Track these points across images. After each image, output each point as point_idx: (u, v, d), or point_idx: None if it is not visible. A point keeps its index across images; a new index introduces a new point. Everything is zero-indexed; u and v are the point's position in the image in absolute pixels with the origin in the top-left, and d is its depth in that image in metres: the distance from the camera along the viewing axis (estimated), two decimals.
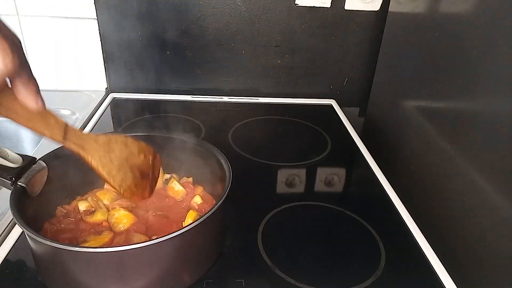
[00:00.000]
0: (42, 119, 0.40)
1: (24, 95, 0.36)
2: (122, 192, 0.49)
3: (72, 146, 0.43)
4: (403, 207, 0.69)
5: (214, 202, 0.59)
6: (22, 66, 0.34)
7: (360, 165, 0.83)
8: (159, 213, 0.56)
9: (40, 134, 0.41)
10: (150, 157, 0.53)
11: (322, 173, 0.79)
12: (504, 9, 0.55)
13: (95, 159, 0.45)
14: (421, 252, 0.59)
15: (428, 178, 0.74)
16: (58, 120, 0.42)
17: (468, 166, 0.62)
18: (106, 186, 0.60)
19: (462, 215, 0.63)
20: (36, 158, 0.51)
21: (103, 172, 0.46)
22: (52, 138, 0.41)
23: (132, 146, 0.50)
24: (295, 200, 0.69)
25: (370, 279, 0.53)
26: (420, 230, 0.63)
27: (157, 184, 0.56)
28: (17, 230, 0.58)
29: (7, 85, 0.35)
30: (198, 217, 0.47)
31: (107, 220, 0.54)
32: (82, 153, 0.45)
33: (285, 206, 0.67)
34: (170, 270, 0.47)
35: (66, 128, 0.43)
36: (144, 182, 0.52)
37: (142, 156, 0.51)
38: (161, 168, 0.58)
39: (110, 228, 0.53)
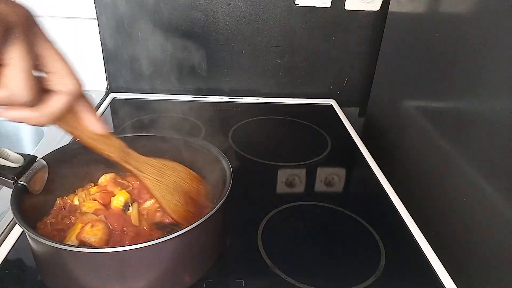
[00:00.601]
0: (105, 140, 0.44)
1: (91, 120, 0.41)
2: (174, 216, 0.50)
3: (131, 167, 0.46)
4: (403, 207, 0.69)
5: (211, 201, 0.59)
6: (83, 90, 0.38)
7: (360, 165, 0.83)
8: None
9: (102, 154, 0.44)
10: (198, 184, 0.55)
11: (322, 173, 0.79)
12: (504, 9, 0.55)
13: (151, 182, 0.48)
14: (421, 252, 0.59)
15: (428, 178, 0.74)
16: (119, 142, 0.45)
17: (468, 166, 0.62)
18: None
19: (462, 215, 0.63)
20: (36, 157, 0.51)
21: (158, 194, 0.49)
22: (113, 159, 0.45)
23: (182, 172, 0.53)
24: (295, 200, 0.69)
25: (370, 279, 0.53)
26: (420, 230, 0.63)
27: None
28: (17, 230, 0.58)
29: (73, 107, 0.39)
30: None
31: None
32: (140, 174, 0.47)
33: (285, 206, 0.67)
34: (171, 270, 0.47)
35: (125, 150, 0.46)
36: (193, 208, 0.53)
37: (191, 183, 0.54)
38: None
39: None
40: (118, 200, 0.53)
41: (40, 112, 0.35)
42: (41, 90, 0.34)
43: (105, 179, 0.58)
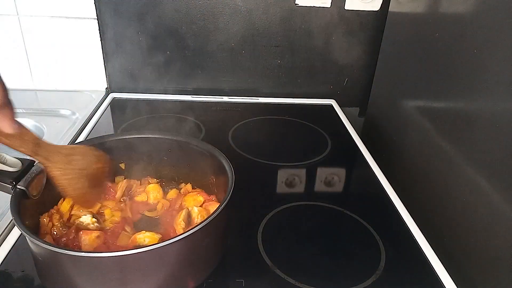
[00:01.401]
0: (19, 137, 0.44)
1: (2, 121, 0.39)
2: (78, 202, 0.53)
3: (40, 159, 0.47)
4: (403, 207, 0.69)
5: (211, 202, 0.59)
6: None
7: (360, 165, 0.83)
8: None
9: (14, 149, 0.44)
10: (103, 164, 0.56)
11: (322, 173, 0.79)
12: (504, 9, 0.55)
13: (57, 170, 0.49)
14: (421, 252, 0.59)
15: (428, 178, 0.74)
16: (31, 135, 0.46)
17: (468, 166, 0.62)
18: None
19: (462, 215, 0.63)
20: (34, 161, 0.51)
21: (64, 183, 0.50)
22: (25, 153, 0.45)
23: (90, 156, 0.54)
24: (295, 200, 0.69)
25: (370, 279, 0.53)
26: (420, 230, 0.63)
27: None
28: (17, 230, 0.58)
29: None
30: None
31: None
32: (47, 164, 0.48)
33: (285, 206, 0.67)
34: (173, 275, 0.46)
35: (37, 142, 0.46)
36: (97, 189, 0.55)
37: (99, 165, 0.55)
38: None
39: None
40: None
41: None
42: None
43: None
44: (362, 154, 0.85)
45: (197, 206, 0.57)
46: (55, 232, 0.51)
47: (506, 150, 0.53)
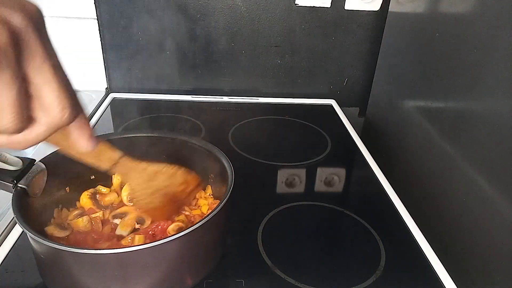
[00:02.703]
0: (96, 154, 0.44)
1: (81, 140, 0.35)
2: (146, 211, 0.53)
3: (116, 174, 0.49)
4: (403, 207, 0.69)
5: (211, 202, 0.59)
6: (78, 114, 0.33)
7: (360, 165, 0.83)
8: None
9: (92, 165, 0.44)
10: (191, 187, 0.56)
11: (322, 173, 0.79)
12: (504, 9, 0.55)
13: (131, 185, 0.50)
14: (421, 252, 0.59)
15: (428, 178, 0.74)
16: (110, 154, 0.46)
17: (468, 166, 0.62)
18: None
19: (462, 215, 0.63)
20: (35, 160, 0.51)
21: (133, 195, 0.51)
22: (101, 169, 0.45)
23: (180, 177, 0.54)
24: (295, 200, 0.69)
25: (370, 279, 0.53)
26: (420, 230, 0.63)
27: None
28: (17, 230, 0.58)
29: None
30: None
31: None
32: (123, 178, 0.50)
33: (285, 206, 0.67)
34: (173, 271, 0.46)
35: (114, 162, 0.46)
36: (170, 207, 0.55)
37: (184, 186, 0.55)
38: None
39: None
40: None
41: (19, 139, 0.29)
42: (26, 118, 0.28)
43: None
44: (362, 154, 0.85)
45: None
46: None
47: (506, 150, 0.53)
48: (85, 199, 0.57)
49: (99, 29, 0.98)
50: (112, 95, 1.06)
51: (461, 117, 0.64)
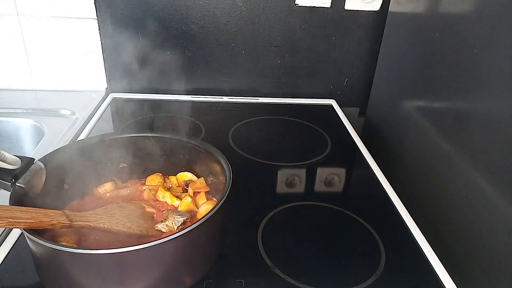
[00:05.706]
0: (43, 216, 0.44)
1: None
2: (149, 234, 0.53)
3: (80, 223, 0.47)
4: (403, 207, 0.69)
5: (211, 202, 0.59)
6: None
7: (360, 165, 0.83)
8: None
9: (50, 227, 0.44)
10: (143, 208, 0.56)
11: (322, 173, 0.79)
12: (504, 9, 0.55)
13: (105, 223, 0.49)
14: (421, 252, 0.59)
15: (428, 178, 0.74)
16: (55, 211, 0.46)
17: (468, 166, 0.62)
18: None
19: (462, 215, 0.63)
20: (34, 159, 0.51)
21: (119, 228, 0.50)
22: (62, 227, 0.45)
23: (128, 205, 0.55)
24: (295, 200, 0.69)
25: (370, 279, 0.53)
26: (420, 230, 0.63)
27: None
28: (17, 230, 0.58)
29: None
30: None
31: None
32: (92, 224, 0.48)
33: (285, 206, 0.67)
34: (171, 271, 0.46)
35: (67, 214, 0.46)
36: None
37: (140, 208, 0.56)
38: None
39: None
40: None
41: None
42: None
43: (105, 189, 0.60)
44: (362, 154, 0.85)
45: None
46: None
47: (506, 150, 0.53)
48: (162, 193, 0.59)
49: (99, 29, 0.98)
50: (112, 95, 1.06)
51: (461, 117, 0.64)
